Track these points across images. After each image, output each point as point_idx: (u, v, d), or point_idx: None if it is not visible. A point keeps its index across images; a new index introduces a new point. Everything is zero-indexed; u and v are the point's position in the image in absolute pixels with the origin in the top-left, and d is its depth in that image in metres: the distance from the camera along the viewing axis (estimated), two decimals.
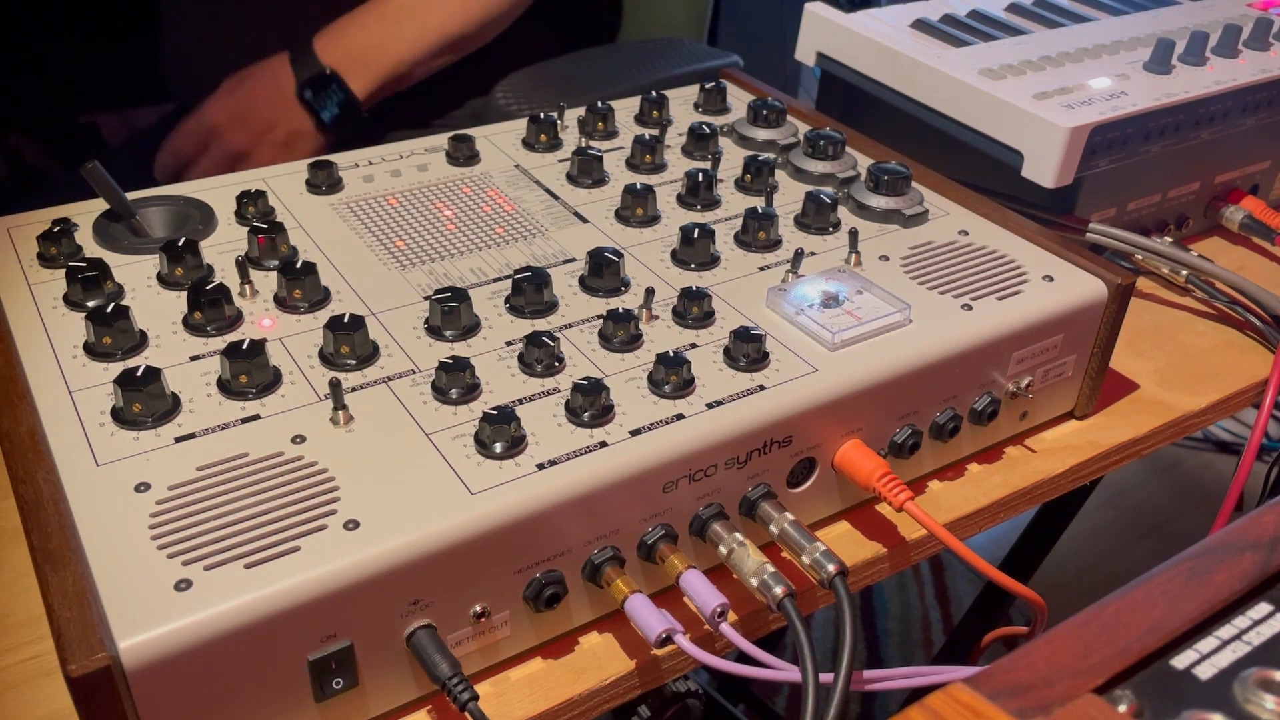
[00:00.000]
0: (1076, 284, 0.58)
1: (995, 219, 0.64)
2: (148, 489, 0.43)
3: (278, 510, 0.42)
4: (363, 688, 0.43)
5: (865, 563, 0.53)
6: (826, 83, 0.85)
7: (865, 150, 0.72)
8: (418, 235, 0.61)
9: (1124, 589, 0.32)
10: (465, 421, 0.47)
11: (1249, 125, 0.78)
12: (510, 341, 0.52)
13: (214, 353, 0.50)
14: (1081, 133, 0.67)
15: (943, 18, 0.84)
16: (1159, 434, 0.63)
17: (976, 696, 0.28)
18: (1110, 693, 0.29)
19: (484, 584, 0.44)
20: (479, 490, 0.43)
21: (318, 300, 0.54)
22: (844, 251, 0.61)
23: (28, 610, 0.49)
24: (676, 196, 0.66)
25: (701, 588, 0.46)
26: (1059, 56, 0.77)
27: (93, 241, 0.59)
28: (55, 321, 0.52)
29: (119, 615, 0.37)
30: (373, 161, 0.68)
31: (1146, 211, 0.77)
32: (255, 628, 0.38)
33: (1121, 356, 0.67)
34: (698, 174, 0.65)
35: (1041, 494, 0.59)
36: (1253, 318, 0.71)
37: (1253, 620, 0.32)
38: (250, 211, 0.62)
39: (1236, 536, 0.34)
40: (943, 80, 0.74)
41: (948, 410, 0.55)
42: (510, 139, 0.73)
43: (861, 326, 0.53)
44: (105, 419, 0.46)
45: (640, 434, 0.47)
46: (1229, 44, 0.78)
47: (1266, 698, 0.29)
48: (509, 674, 0.47)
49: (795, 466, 0.51)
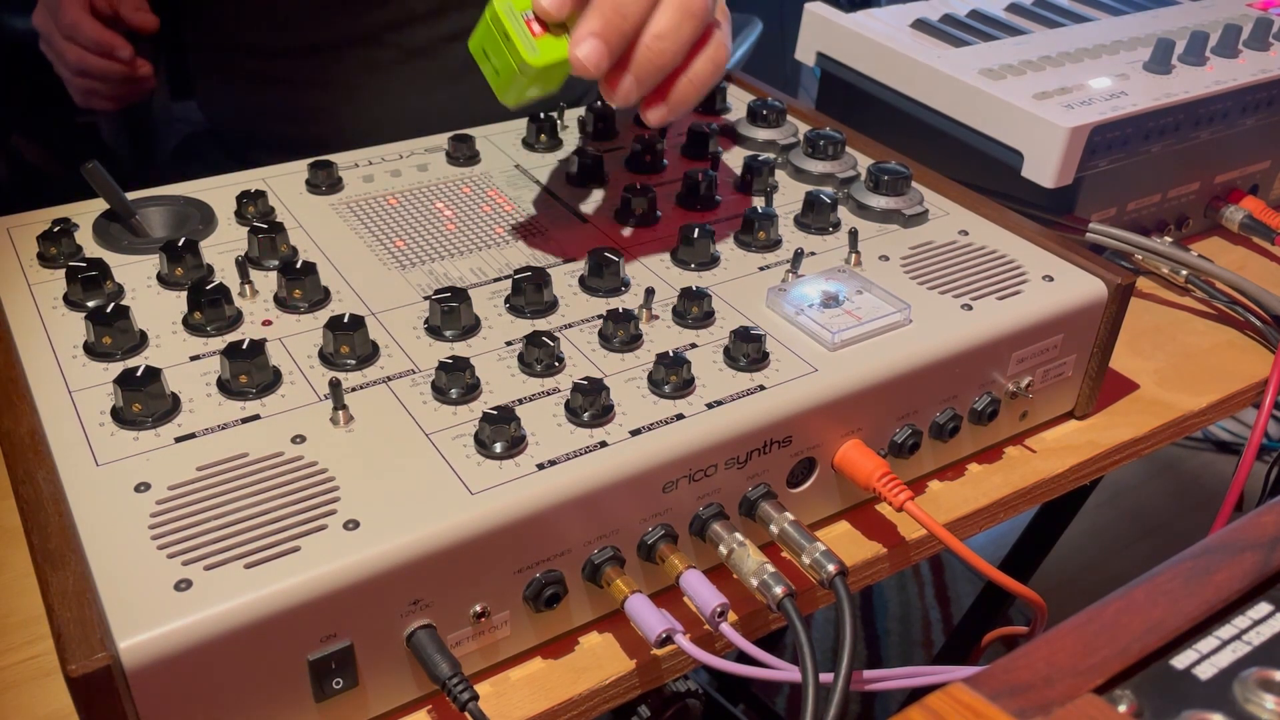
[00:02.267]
0: (1076, 284, 0.58)
1: (995, 219, 0.64)
2: (148, 489, 0.43)
3: (278, 510, 0.42)
4: (363, 688, 0.43)
5: (865, 563, 0.53)
6: (826, 83, 0.85)
7: (865, 150, 0.72)
8: (418, 235, 0.61)
9: (1124, 589, 0.32)
10: (465, 421, 0.47)
11: (1249, 125, 0.78)
12: (510, 341, 0.52)
13: (214, 353, 0.50)
14: (1081, 133, 0.67)
15: (943, 18, 0.84)
16: (1159, 434, 0.63)
17: (976, 696, 0.28)
18: (1110, 693, 0.29)
19: (484, 584, 0.44)
20: (479, 490, 0.43)
21: (318, 300, 0.55)
22: (844, 251, 0.61)
23: (28, 610, 0.49)
24: (676, 196, 0.66)
25: (701, 588, 0.46)
26: (1059, 56, 0.77)
27: (93, 241, 0.59)
28: (55, 321, 0.52)
29: (119, 615, 0.37)
30: (373, 161, 0.68)
31: (1146, 211, 0.77)
32: (255, 628, 0.38)
33: (1121, 356, 0.67)
34: (697, 174, 0.65)
35: (1041, 494, 0.59)
36: (1253, 318, 0.71)
37: (1253, 620, 0.31)
38: (250, 211, 0.62)
39: (1236, 536, 0.34)
40: (943, 80, 0.74)
41: (948, 410, 0.55)
42: (510, 139, 0.73)
43: (861, 326, 0.53)
44: (105, 419, 0.46)
45: (640, 434, 0.47)
46: (1229, 44, 0.78)
47: (1266, 698, 0.29)
48: (509, 674, 0.47)
49: (795, 466, 0.51)
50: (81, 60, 0.82)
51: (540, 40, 0.51)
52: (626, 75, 0.51)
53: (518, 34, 0.50)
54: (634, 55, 0.51)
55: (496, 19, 0.51)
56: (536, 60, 0.50)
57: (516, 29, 0.50)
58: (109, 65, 0.82)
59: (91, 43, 0.82)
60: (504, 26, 0.50)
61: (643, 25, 0.50)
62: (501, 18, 0.51)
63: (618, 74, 0.51)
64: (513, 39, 0.50)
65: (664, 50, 0.51)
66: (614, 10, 0.50)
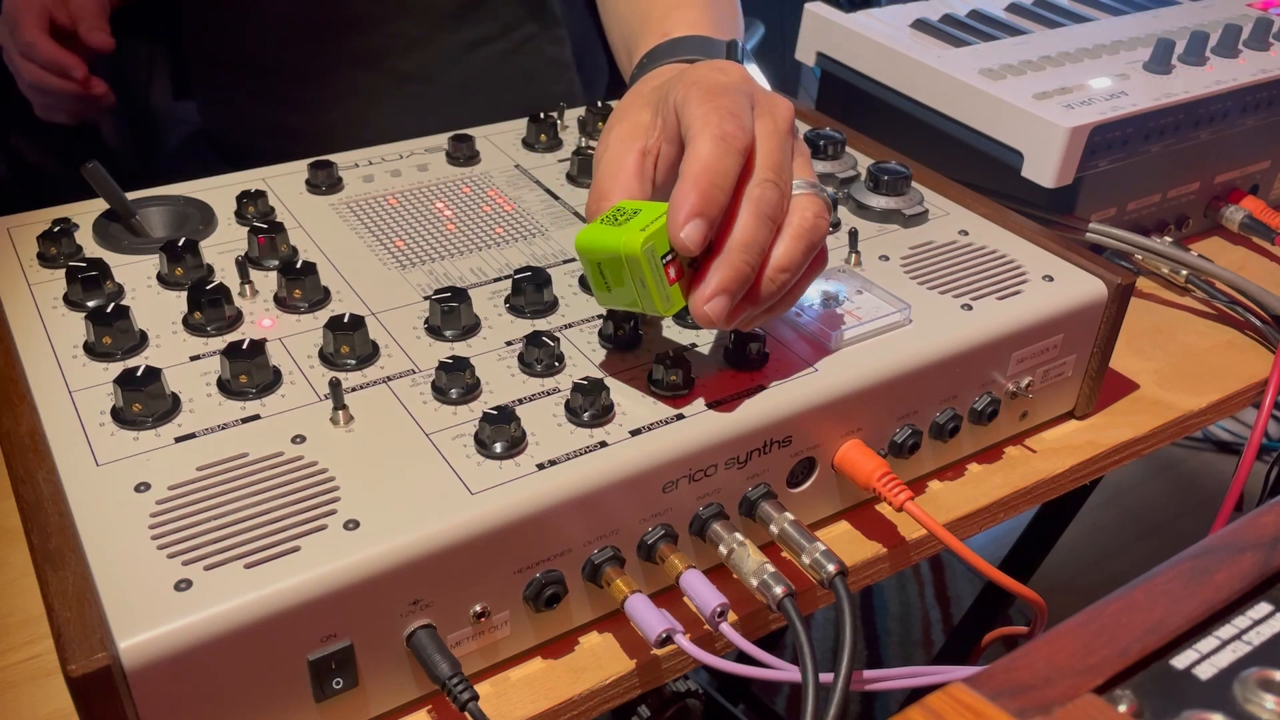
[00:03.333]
0: (1076, 284, 0.58)
1: (995, 219, 0.64)
2: (148, 489, 0.43)
3: (278, 510, 0.42)
4: (363, 688, 0.43)
5: (865, 563, 0.53)
6: (826, 83, 0.85)
7: (865, 150, 0.72)
8: (418, 235, 0.61)
9: (1124, 589, 0.32)
10: (465, 421, 0.47)
11: (1249, 125, 0.78)
12: (510, 341, 0.52)
13: (214, 353, 0.50)
14: (1081, 133, 0.67)
15: (943, 18, 0.84)
16: (1159, 434, 0.63)
17: (976, 696, 0.28)
18: (1110, 693, 0.29)
19: (484, 584, 0.44)
20: (479, 490, 0.43)
21: (318, 300, 0.55)
22: (844, 251, 0.61)
23: (28, 610, 0.49)
24: None
25: (701, 588, 0.46)
26: (1059, 56, 0.77)
27: (93, 241, 0.59)
28: (55, 321, 0.52)
29: (119, 615, 0.37)
30: (373, 161, 0.68)
31: (1146, 211, 0.77)
32: (255, 628, 0.38)
33: (1121, 356, 0.67)
34: None
35: (1041, 494, 0.59)
36: (1253, 318, 0.71)
37: (1253, 620, 0.31)
38: (250, 211, 0.62)
39: (1236, 536, 0.34)
40: (943, 80, 0.74)
41: (948, 410, 0.55)
42: (510, 139, 0.73)
43: (861, 326, 0.53)
44: (105, 419, 0.46)
45: (640, 434, 0.47)
46: (1229, 44, 0.78)
47: (1266, 698, 0.29)
48: (509, 674, 0.47)
49: (795, 466, 0.51)
50: (38, 79, 0.83)
51: (674, 289, 0.46)
52: (748, 310, 0.48)
53: (656, 284, 0.46)
54: (758, 288, 0.47)
55: (636, 264, 0.45)
56: (669, 310, 0.47)
57: (656, 279, 0.46)
58: (63, 84, 0.83)
59: (46, 62, 0.82)
60: (643, 273, 0.45)
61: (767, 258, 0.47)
62: (643, 265, 0.45)
63: (740, 308, 0.47)
64: (650, 288, 0.46)
65: (786, 283, 0.48)
66: (743, 256, 0.46)
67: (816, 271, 0.50)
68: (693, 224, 0.45)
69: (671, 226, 0.45)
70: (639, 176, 0.50)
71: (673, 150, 0.50)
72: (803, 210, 0.48)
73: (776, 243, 0.48)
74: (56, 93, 0.84)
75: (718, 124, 0.47)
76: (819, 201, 0.49)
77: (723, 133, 0.47)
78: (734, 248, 0.46)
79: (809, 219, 0.48)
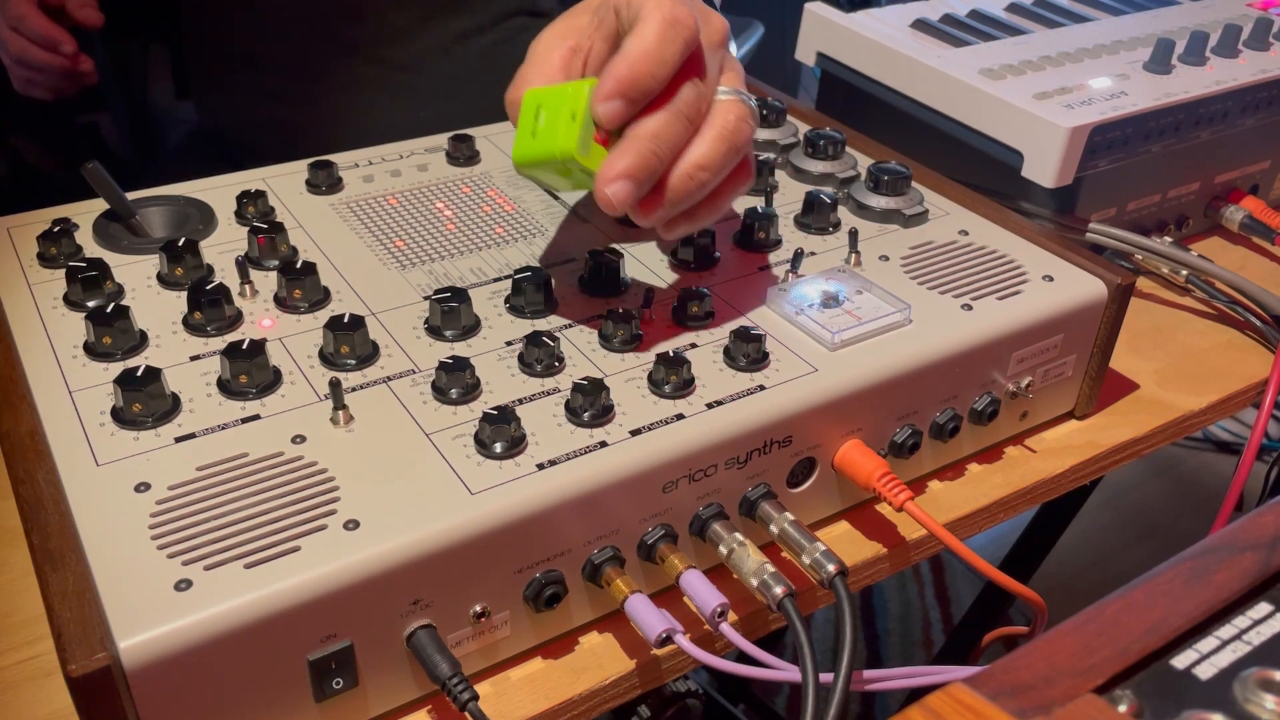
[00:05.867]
0: (1076, 284, 0.58)
1: (995, 219, 0.64)
2: (148, 489, 0.43)
3: (278, 510, 0.42)
4: (363, 688, 0.43)
5: (865, 563, 0.53)
6: (826, 83, 0.85)
7: (865, 150, 0.72)
8: (418, 235, 0.61)
9: (1124, 589, 0.32)
10: (465, 421, 0.47)
11: (1249, 125, 0.78)
12: (510, 341, 0.52)
13: (214, 353, 0.50)
14: (1081, 133, 0.67)
15: (943, 18, 0.84)
16: (1159, 434, 0.63)
17: (976, 696, 0.28)
18: (1110, 693, 0.29)
19: (484, 584, 0.44)
20: (479, 490, 0.43)
21: (318, 300, 0.55)
22: (844, 251, 0.61)
23: (28, 610, 0.49)
24: None
25: (701, 588, 0.46)
26: (1059, 56, 0.77)
27: (93, 241, 0.59)
28: (55, 321, 0.52)
29: (119, 615, 0.37)
30: (373, 161, 0.68)
31: (1146, 211, 0.77)
32: (255, 628, 0.38)
33: (1121, 356, 0.67)
34: None
35: (1041, 494, 0.59)
36: (1253, 318, 0.71)
37: (1253, 620, 0.32)
38: (250, 211, 0.62)
39: (1236, 536, 0.34)
40: (943, 80, 0.74)
41: (948, 410, 0.55)
42: (510, 139, 0.72)
43: (861, 326, 0.53)
44: (105, 419, 0.46)
45: (640, 434, 0.47)
46: (1229, 44, 0.78)
47: (1266, 698, 0.29)
48: (509, 674, 0.47)
49: (795, 466, 0.51)
50: (24, 51, 0.83)
51: (596, 147, 0.47)
52: (660, 206, 0.48)
53: (584, 127, 0.46)
54: (670, 182, 0.47)
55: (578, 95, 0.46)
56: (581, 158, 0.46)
57: (585, 124, 0.47)
58: (50, 58, 0.83)
59: (37, 35, 0.82)
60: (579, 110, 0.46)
61: (681, 152, 0.47)
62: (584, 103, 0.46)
63: (652, 200, 0.48)
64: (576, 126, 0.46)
65: (704, 182, 0.47)
66: (650, 145, 0.46)
67: (741, 183, 0.50)
68: (613, 103, 0.45)
69: (595, 94, 0.45)
70: (564, 70, 0.50)
71: (605, 49, 0.50)
72: (725, 113, 0.48)
73: (695, 142, 0.48)
74: (41, 66, 0.84)
75: (670, 8, 0.46)
76: (744, 106, 0.49)
77: (673, 17, 0.46)
78: (639, 135, 0.46)
79: (731, 121, 0.48)
